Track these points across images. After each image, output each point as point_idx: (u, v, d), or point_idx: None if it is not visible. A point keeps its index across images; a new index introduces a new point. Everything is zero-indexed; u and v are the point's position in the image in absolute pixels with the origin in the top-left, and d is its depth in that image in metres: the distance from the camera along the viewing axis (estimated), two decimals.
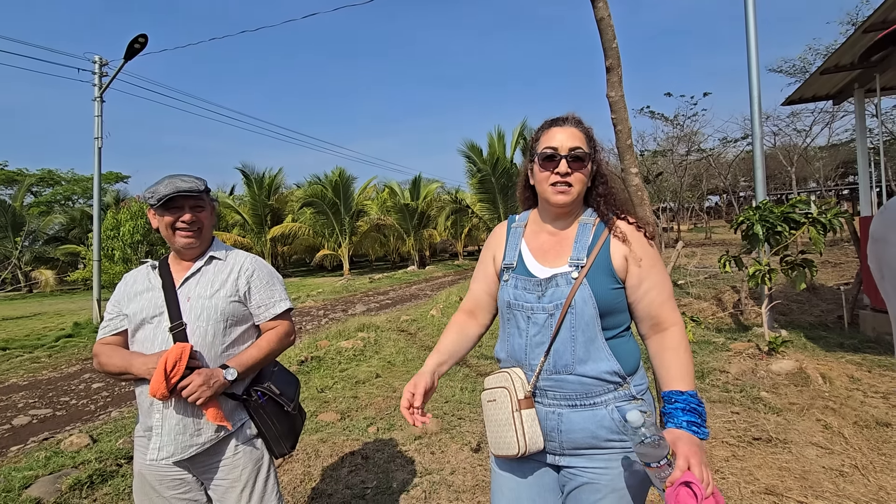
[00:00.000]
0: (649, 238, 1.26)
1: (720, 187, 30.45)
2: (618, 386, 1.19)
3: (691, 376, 1.17)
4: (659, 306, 1.22)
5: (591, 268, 1.21)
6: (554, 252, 1.28)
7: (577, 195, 1.26)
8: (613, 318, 1.22)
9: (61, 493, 2.80)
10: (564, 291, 1.20)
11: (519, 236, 1.36)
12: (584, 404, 1.19)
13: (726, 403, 3.71)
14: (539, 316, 1.23)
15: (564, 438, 1.21)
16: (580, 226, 1.28)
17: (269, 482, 1.66)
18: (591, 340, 1.19)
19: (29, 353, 7.79)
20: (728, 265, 5.02)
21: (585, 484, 1.20)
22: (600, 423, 1.18)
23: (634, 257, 1.22)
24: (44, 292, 22.25)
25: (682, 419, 1.10)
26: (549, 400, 1.23)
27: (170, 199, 1.54)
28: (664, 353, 1.21)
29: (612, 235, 1.24)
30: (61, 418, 4.77)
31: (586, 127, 1.31)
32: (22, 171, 31.31)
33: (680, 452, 1.05)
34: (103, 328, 1.64)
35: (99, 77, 11.07)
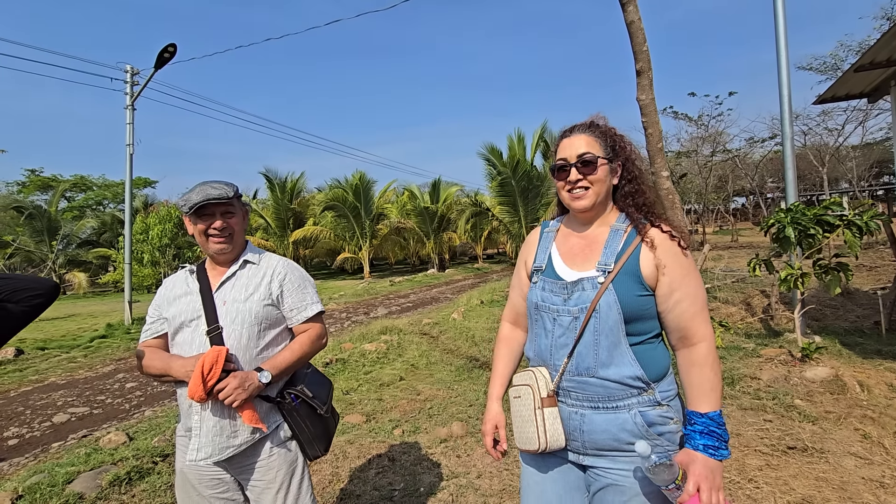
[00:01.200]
0: (683, 247, 1.23)
1: (746, 188, 29.71)
2: (641, 391, 1.19)
3: (716, 395, 1.16)
4: (689, 319, 1.20)
5: (618, 274, 1.20)
6: (582, 256, 1.29)
7: (596, 197, 1.26)
8: (640, 324, 1.21)
9: (102, 488, 2.90)
10: (590, 295, 1.21)
11: (550, 240, 1.39)
12: (607, 407, 1.20)
13: (758, 411, 3.62)
14: (564, 318, 1.24)
15: (587, 439, 1.22)
16: (612, 231, 1.28)
17: (304, 484, 1.69)
18: (614, 345, 1.19)
19: (66, 353, 8.09)
20: (758, 268, 4.90)
21: (610, 485, 1.21)
22: (622, 427, 1.18)
23: (666, 266, 1.20)
24: (77, 294, 23.07)
25: (698, 442, 1.12)
26: (573, 401, 1.24)
27: (201, 207, 1.59)
28: (690, 368, 1.20)
29: (644, 242, 1.22)
30: (98, 416, 4.94)
31: (603, 129, 1.31)
32: (56, 176, 32.57)
33: (691, 476, 1.08)
34: (145, 331, 1.70)
35: (130, 86, 11.46)
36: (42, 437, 4.45)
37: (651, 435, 1.17)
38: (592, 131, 1.30)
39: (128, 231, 11.66)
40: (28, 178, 32.00)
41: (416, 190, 25.83)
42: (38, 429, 4.65)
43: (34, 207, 24.32)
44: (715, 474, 1.10)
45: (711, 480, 1.08)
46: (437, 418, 3.94)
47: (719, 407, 1.16)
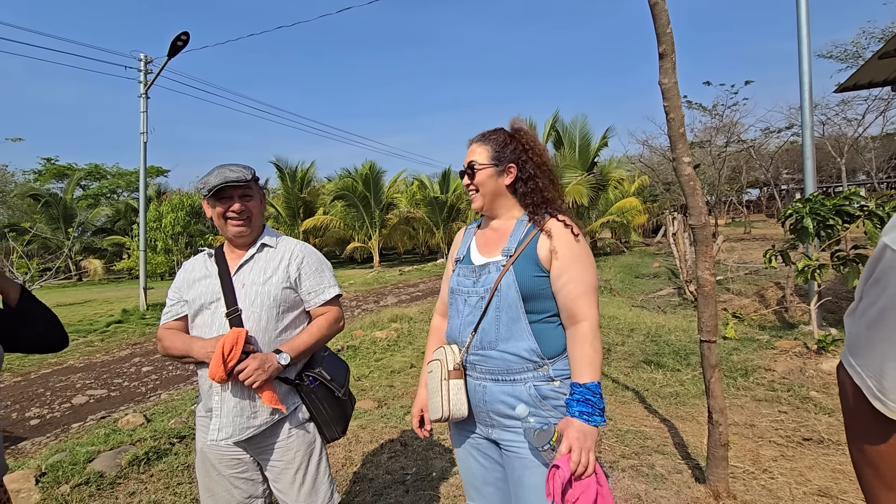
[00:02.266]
0: (576, 235, 1.36)
1: (761, 180, 29.21)
2: (537, 366, 1.32)
3: (594, 368, 1.28)
4: (574, 300, 1.31)
5: (518, 257, 1.35)
6: (493, 244, 1.45)
7: (483, 198, 1.45)
8: (537, 303, 1.34)
9: (121, 467, 2.97)
10: (494, 277, 1.36)
11: (471, 235, 1.56)
12: (505, 379, 1.34)
13: (773, 402, 3.59)
14: (472, 298, 1.40)
15: (490, 409, 1.36)
16: (517, 222, 1.44)
17: (322, 465, 1.71)
18: (514, 321, 1.33)
19: (83, 338, 8.25)
20: (774, 260, 4.83)
21: (515, 458, 1.34)
22: (518, 397, 1.31)
23: (558, 252, 1.33)
24: (93, 280, 23.47)
25: (575, 409, 1.25)
26: (477, 374, 1.39)
27: (219, 190, 1.59)
28: (574, 344, 1.31)
29: (542, 230, 1.37)
30: (115, 399, 5.04)
31: (494, 136, 1.46)
32: (71, 165, 32.97)
33: (565, 438, 1.21)
34: (166, 313, 1.72)
35: (144, 74, 11.51)
36: (62, 417, 4.56)
37: (545, 407, 1.31)
38: (484, 140, 1.46)
39: (142, 219, 11.79)
40: (44, 167, 32.44)
41: (426, 180, 25.76)
42: (57, 410, 4.76)
43: (50, 195, 24.70)
44: (587, 437, 1.22)
45: (583, 442, 1.20)
46: None
47: (597, 379, 1.28)
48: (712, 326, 2.37)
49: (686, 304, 7.79)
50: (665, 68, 1.99)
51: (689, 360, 4.63)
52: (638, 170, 24.46)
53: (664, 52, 1.97)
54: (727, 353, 4.70)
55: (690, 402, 3.72)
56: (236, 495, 1.65)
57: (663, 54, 1.98)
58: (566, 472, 1.16)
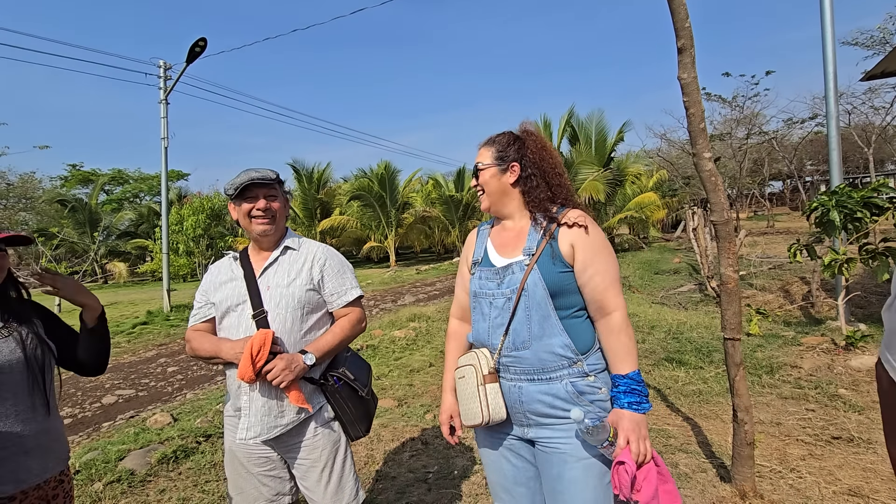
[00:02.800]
0: (592, 227, 1.37)
1: (784, 172, 28.48)
2: (572, 362, 1.32)
3: (633, 357, 1.30)
4: (602, 291, 1.32)
5: (540, 255, 1.35)
6: (512, 245, 1.45)
7: (490, 197, 1.48)
8: (565, 298, 1.34)
9: (151, 465, 3.06)
10: (518, 277, 1.36)
11: (486, 236, 1.55)
12: (541, 378, 1.33)
13: (800, 400, 3.52)
14: (499, 300, 1.39)
15: (526, 409, 1.35)
16: (533, 221, 1.44)
17: (347, 463, 1.74)
18: (545, 318, 1.33)
19: (111, 339, 8.49)
20: (799, 254, 4.72)
21: (553, 453, 1.34)
22: (556, 395, 1.31)
23: (579, 245, 1.34)
24: (118, 283, 24.10)
25: (623, 401, 1.27)
26: (511, 375, 1.38)
27: (245, 188, 1.64)
28: (608, 336, 1.32)
29: (560, 226, 1.38)
30: (143, 398, 5.19)
31: (497, 139, 1.49)
32: (96, 171, 33.86)
33: (621, 431, 1.23)
34: (193, 316, 1.76)
35: (164, 80, 11.77)
36: (93, 417, 4.71)
37: (583, 402, 1.31)
38: (490, 142, 1.50)
39: (164, 222, 12.07)
40: (70, 173, 33.40)
41: (441, 178, 25.79)
42: (88, 409, 4.92)
43: (76, 201, 25.44)
44: (640, 426, 1.24)
45: (638, 432, 1.23)
46: None
47: (637, 367, 1.30)
48: (736, 324, 2.34)
49: (708, 301, 7.66)
50: (684, 63, 1.97)
51: (711, 358, 4.56)
52: (656, 164, 24.08)
53: (683, 46, 1.95)
54: (751, 349, 4.61)
55: (714, 401, 3.67)
56: (264, 493, 1.69)
57: (682, 49, 1.95)
58: (632, 466, 1.19)
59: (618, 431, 1.23)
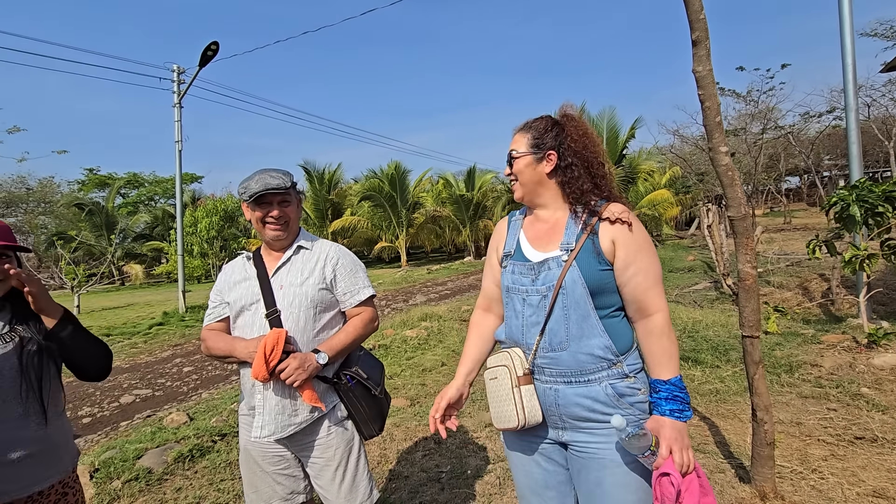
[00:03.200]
0: (634, 223, 1.29)
1: (801, 167, 27.93)
2: (611, 364, 1.25)
3: (675, 362, 1.24)
4: (644, 291, 1.26)
5: (579, 251, 1.27)
6: (547, 238, 1.36)
7: (523, 187, 1.39)
8: (605, 297, 1.28)
9: (167, 464, 3.09)
10: (556, 274, 1.28)
11: (518, 227, 1.47)
12: (579, 381, 1.26)
13: (821, 399, 3.44)
14: (534, 297, 1.31)
15: (563, 412, 1.29)
16: (570, 213, 1.36)
17: (360, 461, 1.74)
18: (584, 318, 1.26)
19: (128, 340, 8.63)
20: (818, 250, 4.62)
21: (591, 459, 1.27)
22: (595, 398, 1.25)
23: (621, 242, 1.27)
24: (134, 285, 24.50)
25: (665, 408, 1.20)
26: (546, 377, 1.31)
27: (260, 196, 1.64)
28: (649, 338, 1.26)
29: (601, 220, 1.30)
30: (159, 398, 5.26)
31: (534, 124, 1.40)
32: (112, 174, 34.50)
33: (663, 440, 1.17)
34: (208, 315, 1.78)
35: (177, 84, 11.93)
36: (111, 416, 4.78)
37: (622, 405, 1.24)
38: (526, 128, 1.41)
39: (179, 224, 12.23)
40: (87, 177, 34.08)
41: (452, 178, 25.76)
42: (107, 408, 5.00)
43: (93, 204, 25.93)
44: (683, 435, 1.18)
45: (681, 441, 1.17)
46: (480, 403, 3.96)
47: (679, 373, 1.24)
48: (755, 321, 2.29)
49: (723, 298, 7.53)
50: (699, 56, 1.93)
51: (728, 356, 4.48)
52: (669, 161, 23.79)
53: (698, 38, 1.91)
54: (770, 348, 4.53)
55: (731, 400, 3.60)
56: (279, 491, 1.70)
57: (697, 41, 1.92)
58: (678, 478, 1.13)
59: (659, 440, 1.18)
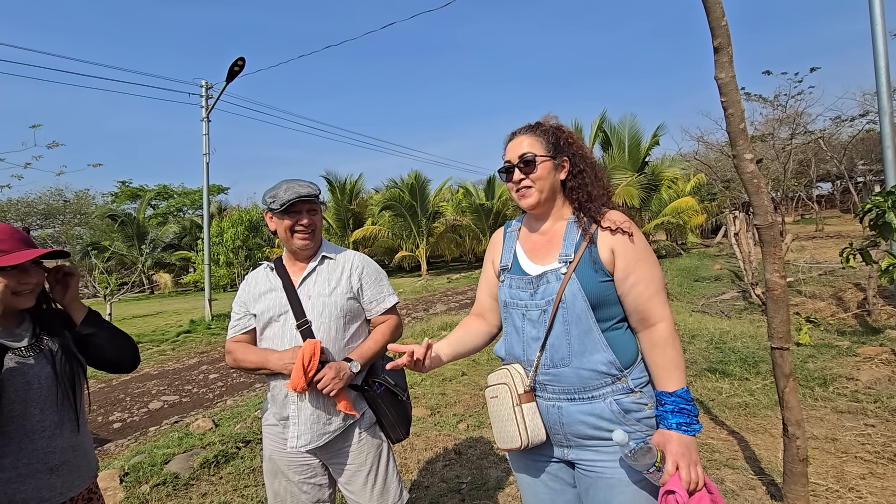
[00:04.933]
0: (633, 232, 1.26)
1: (833, 173, 27.03)
2: (615, 379, 1.21)
3: (681, 372, 1.20)
4: (646, 301, 1.23)
5: (578, 263, 1.24)
6: (544, 250, 1.33)
7: (540, 194, 1.31)
8: (606, 310, 1.24)
9: (194, 469, 3.16)
10: (555, 287, 1.24)
11: (514, 239, 1.43)
12: (583, 398, 1.22)
13: (857, 415, 3.30)
14: (533, 312, 1.27)
15: (567, 430, 1.25)
16: (568, 224, 1.32)
17: (390, 465, 1.76)
18: (585, 332, 1.22)
19: (156, 347, 8.88)
20: (852, 259, 4.45)
21: (598, 478, 1.23)
22: (600, 416, 1.21)
23: (620, 252, 1.23)
24: (163, 293, 25.22)
25: (671, 421, 1.16)
26: (549, 394, 1.27)
27: (291, 204, 1.66)
28: (653, 349, 1.22)
29: (599, 230, 1.26)
30: (186, 404, 5.38)
31: (546, 128, 1.35)
32: (143, 187, 35.73)
33: (669, 455, 1.13)
34: (233, 327, 1.79)
35: (205, 99, 12.33)
36: (140, 421, 4.91)
37: (629, 421, 1.20)
38: (534, 131, 1.34)
39: (206, 235, 12.57)
40: (119, 189, 35.36)
41: (472, 187, 25.82)
42: (136, 414, 5.14)
43: (125, 215, 26.86)
44: (690, 450, 1.14)
45: (689, 457, 1.13)
46: None
47: (685, 384, 1.20)
48: (784, 332, 2.22)
49: (752, 308, 7.32)
50: (721, 62, 1.91)
51: (758, 369, 4.34)
52: (693, 167, 23.35)
53: (720, 45, 1.89)
54: (802, 360, 4.37)
55: (762, 414, 3.48)
56: (304, 500, 1.71)
57: (719, 48, 1.89)
58: (683, 496, 1.07)
59: (665, 455, 1.13)
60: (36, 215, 25.21)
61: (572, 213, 1.34)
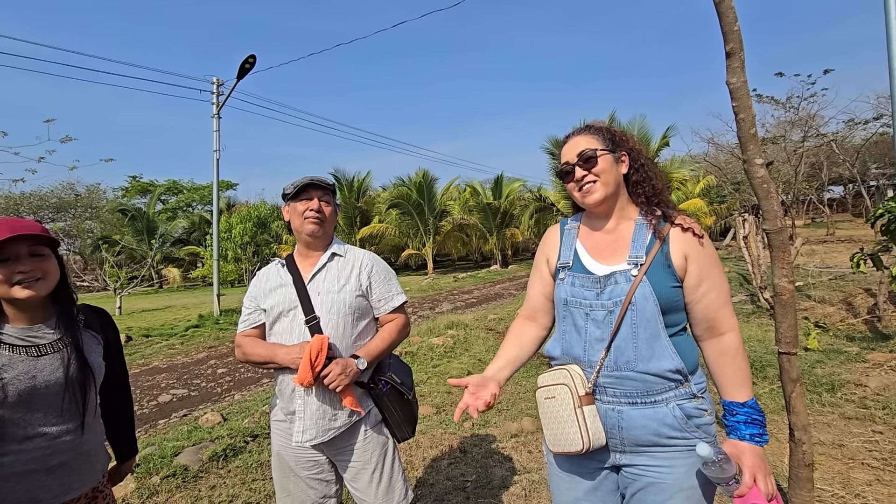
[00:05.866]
0: (703, 236, 1.25)
1: (845, 176, 26.70)
2: (679, 384, 1.19)
3: (749, 383, 1.20)
4: (717, 309, 1.21)
5: (650, 265, 1.21)
6: (610, 250, 1.29)
7: (606, 188, 1.27)
8: (674, 315, 1.22)
9: (203, 462, 3.21)
10: (624, 288, 1.21)
11: (573, 237, 1.38)
12: (645, 402, 1.20)
13: (865, 421, 3.28)
14: (598, 313, 1.24)
15: (625, 435, 1.21)
16: (637, 225, 1.29)
17: (395, 464, 1.78)
18: (654, 337, 1.18)
19: (166, 341, 8.98)
20: (863, 264, 4.41)
21: (650, 484, 1.21)
22: (662, 421, 1.18)
23: (693, 257, 1.21)
24: (172, 288, 25.45)
25: (744, 432, 1.15)
26: (609, 397, 1.23)
27: (303, 189, 1.72)
28: (722, 358, 1.21)
29: (671, 233, 1.24)
30: (195, 398, 5.45)
31: (599, 127, 1.35)
32: (153, 182, 36.06)
33: (745, 466, 1.11)
34: (243, 322, 1.82)
35: (216, 96, 12.42)
36: (150, 414, 4.98)
37: (690, 427, 1.18)
38: (588, 131, 1.34)
39: (215, 230, 12.67)
40: (130, 184, 35.72)
41: (479, 186, 25.81)
42: (146, 407, 5.22)
43: (135, 210, 27.16)
44: (764, 461, 1.13)
45: (764, 468, 1.12)
46: (506, 413, 3.95)
47: (753, 395, 1.19)
48: (792, 337, 2.21)
49: (760, 312, 7.27)
50: (733, 67, 1.90)
51: (765, 373, 4.32)
52: (703, 169, 23.17)
53: (732, 50, 1.88)
54: (810, 365, 4.35)
55: (768, 418, 3.47)
56: (311, 495, 1.74)
57: (731, 53, 1.89)
58: None
59: (741, 466, 1.12)
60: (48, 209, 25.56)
61: (640, 212, 1.31)
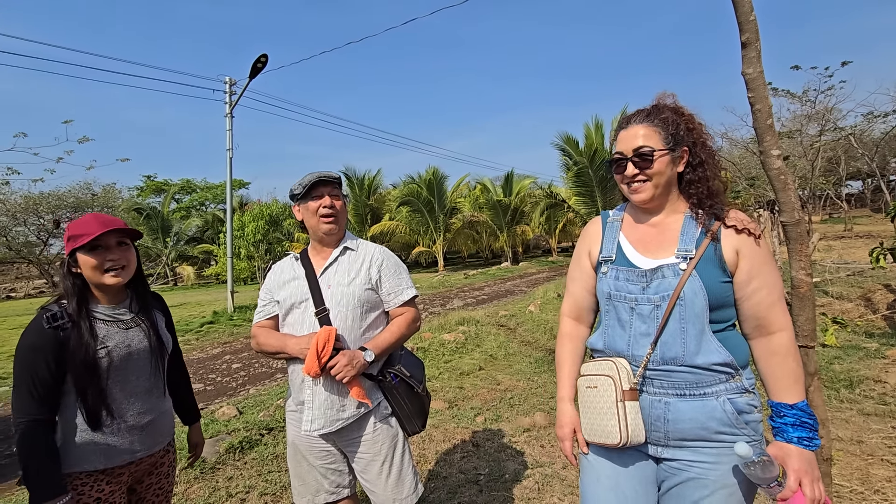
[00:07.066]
0: (758, 235, 1.20)
1: (864, 171, 26.14)
2: (730, 377, 1.16)
3: (800, 385, 1.14)
4: (768, 307, 1.16)
5: (700, 260, 1.17)
6: (656, 243, 1.25)
7: (655, 189, 1.23)
8: (723, 311, 1.18)
9: (220, 454, 3.26)
10: (672, 283, 1.17)
11: (616, 229, 1.34)
12: (694, 394, 1.16)
13: (885, 417, 3.23)
14: (644, 307, 1.20)
15: (671, 428, 1.18)
16: (686, 218, 1.25)
17: (405, 457, 1.79)
18: (701, 333, 1.15)
19: (181, 337, 9.12)
20: (882, 259, 4.33)
21: (692, 479, 1.17)
22: (711, 415, 1.14)
23: (745, 253, 1.17)
24: (186, 285, 25.83)
25: (792, 435, 1.11)
26: (655, 388, 1.20)
27: (313, 186, 1.74)
28: (771, 358, 1.16)
29: (723, 228, 1.20)
30: (211, 392, 5.54)
31: (665, 116, 1.24)
32: (167, 181, 36.55)
33: (790, 470, 1.07)
34: (258, 313, 1.87)
35: (229, 95, 12.54)
36: None
37: (739, 423, 1.14)
38: (651, 120, 1.24)
39: (229, 228, 12.82)
40: (145, 183, 36.26)
41: (489, 183, 25.78)
42: None
43: (150, 209, 27.57)
44: (812, 466, 1.08)
45: (812, 473, 1.07)
46: (518, 408, 3.95)
47: (804, 397, 1.14)
48: (810, 330, 2.18)
49: None
50: (749, 58, 1.88)
51: None
52: None
53: (748, 40, 1.86)
54: (827, 361, 4.28)
55: None
56: (325, 484, 1.77)
57: (747, 43, 1.87)
58: None
59: (786, 470, 1.08)
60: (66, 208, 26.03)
61: (689, 208, 1.26)
